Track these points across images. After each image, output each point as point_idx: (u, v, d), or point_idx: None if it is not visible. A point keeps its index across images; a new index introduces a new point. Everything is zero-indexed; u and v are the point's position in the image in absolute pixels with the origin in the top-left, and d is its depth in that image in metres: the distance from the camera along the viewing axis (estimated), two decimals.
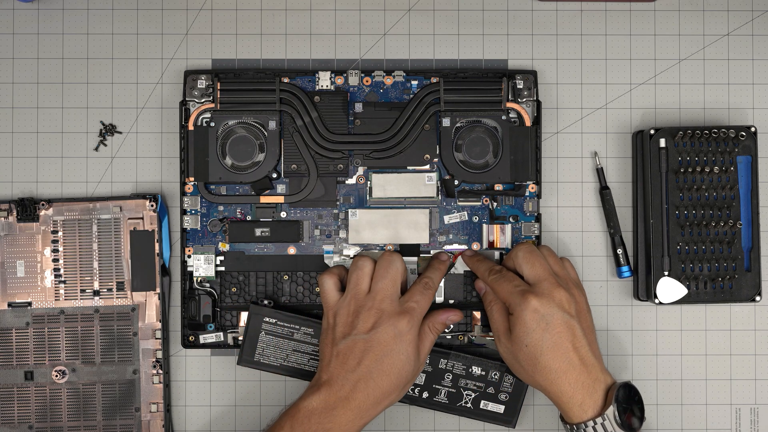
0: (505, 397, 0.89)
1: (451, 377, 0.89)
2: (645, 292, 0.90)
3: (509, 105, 0.89)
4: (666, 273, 0.88)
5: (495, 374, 0.89)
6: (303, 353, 0.88)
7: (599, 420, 0.81)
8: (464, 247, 0.90)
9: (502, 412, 0.89)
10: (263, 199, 0.90)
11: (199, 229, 0.89)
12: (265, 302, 0.89)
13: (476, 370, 0.89)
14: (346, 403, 0.81)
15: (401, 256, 0.86)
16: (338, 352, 0.82)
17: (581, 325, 0.83)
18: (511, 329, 0.84)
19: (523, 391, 0.89)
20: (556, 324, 0.82)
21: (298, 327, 0.88)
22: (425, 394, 0.89)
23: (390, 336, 0.81)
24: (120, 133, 0.91)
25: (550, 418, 0.92)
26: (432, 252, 0.90)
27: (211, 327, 0.89)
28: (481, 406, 0.89)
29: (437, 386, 0.89)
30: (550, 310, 0.82)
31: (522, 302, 0.82)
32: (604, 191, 0.91)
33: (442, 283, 0.89)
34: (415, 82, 0.90)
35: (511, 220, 0.90)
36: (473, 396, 0.89)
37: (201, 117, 0.89)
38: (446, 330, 0.89)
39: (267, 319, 0.88)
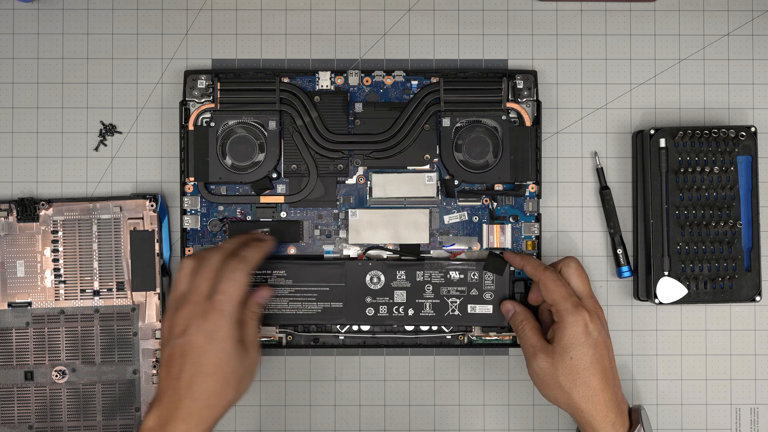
0: (491, 296, 0.88)
1: (431, 288, 0.88)
2: (645, 292, 0.90)
3: (509, 105, 0.89)
4: (666, 273, 0.88)
5: (474, 275, 0.88)
6: (282, 297, 0.88)
7: None
8: (464, 247, 0.90)
9: (491, 312, 0.88)
10: (263, 199, 0.90)
11: (199, 229, 0.89)
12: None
13: (454, 275, 0.88)
14: (176, 414, 0.76)
15: (230, 247, 0.82)
16: (164, 360, 0.79)
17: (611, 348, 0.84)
18: (554, 339, 0.83)
19: (507, 286, 0.88)
20: (600, 342, 0.82)
21: (269, 272, 0.87)
22: (411, 311, 0.88)
23: (200, 338, 0.77)
24: (120, 133, 0.91)
25: (550, 418, 0.92)
26: (432, 252, 0.90)
27: None
28: (468, 311, 0.88)
29: (420, 300, 0.88)
30: (598, 327, 0.82)
31: (575, 313, 0.82)
32: (604, 191, 0.91)
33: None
34: (415, 82, 0.90)
35: (511, 220, 0.90)
36: (458, 302, 0.88)
37: (201, 117, 0.89)
38: (446, 329, 0.89)
39: None
